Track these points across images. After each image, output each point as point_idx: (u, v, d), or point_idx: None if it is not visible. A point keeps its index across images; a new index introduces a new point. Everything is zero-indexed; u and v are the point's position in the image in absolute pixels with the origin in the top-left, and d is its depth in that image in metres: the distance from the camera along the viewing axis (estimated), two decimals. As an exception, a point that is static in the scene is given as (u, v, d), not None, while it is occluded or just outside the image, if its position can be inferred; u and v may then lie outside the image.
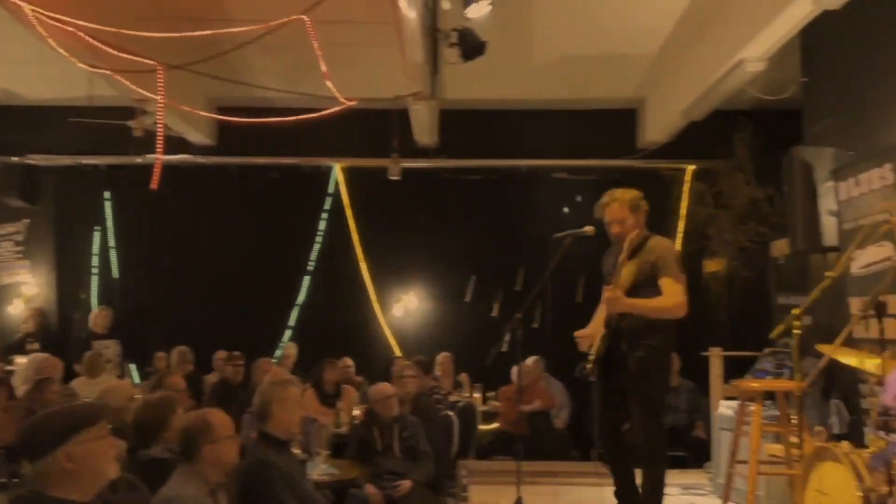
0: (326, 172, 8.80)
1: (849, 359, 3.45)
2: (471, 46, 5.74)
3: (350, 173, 8.79)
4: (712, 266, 8.35)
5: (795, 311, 3.66)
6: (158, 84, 5.41)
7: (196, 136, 8.34)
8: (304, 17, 4.73)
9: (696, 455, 6.66)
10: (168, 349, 7.69)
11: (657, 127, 8.34)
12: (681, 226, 8.58)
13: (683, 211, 8.57)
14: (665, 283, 3.83)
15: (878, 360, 3.01)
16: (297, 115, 6.38)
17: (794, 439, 3.99)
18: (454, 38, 5.76)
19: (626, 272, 3.87)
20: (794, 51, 6.14)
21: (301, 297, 8.66)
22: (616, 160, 8.61)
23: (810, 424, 4.69)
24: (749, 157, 7.82)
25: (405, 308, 8.63)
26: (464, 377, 7.69)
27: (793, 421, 4.05)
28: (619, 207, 4.01)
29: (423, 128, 7.74)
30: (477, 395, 7.52)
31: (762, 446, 4.46)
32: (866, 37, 5.19)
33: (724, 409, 5.34)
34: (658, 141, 8.40)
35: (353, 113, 6.92)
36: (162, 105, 5.47)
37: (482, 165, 8.66)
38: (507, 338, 4.35)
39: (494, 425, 7.25)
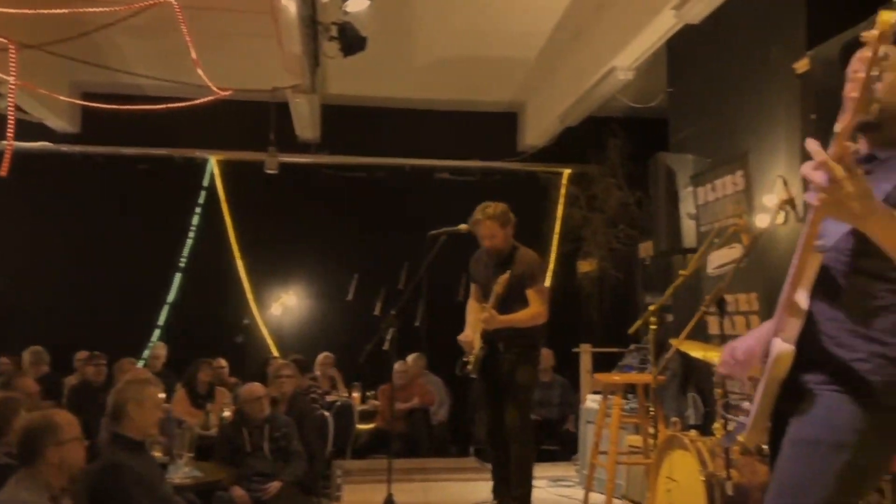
0: (201, 165, 8.47)
1: (695, 351, 3.69)
2: (351, 41, 5.69)
3: (226, 166, 8.49)
4: (585, 266, 8.68)
5: (652, 308, 3.86)
6: (11, 64, 5.03)
7: (57, 123, 7.82)
8: (172, 1, 4.53)
9: (567, 448, 6.90)
10: (23, 350, 7.16)
11: (536, 131, 8.58)
12: (557, 227, 8.88)
13: (560, 213, 8.87)
14: (530, 294, 4.30)
15: (718, 353, 3.22)
16: (168, 104, 6.12)
17: (652, 430, 4.20)
18: (334, 31, 5.71)
19: (498, 288, 4.27)
20: (662, 62, 6.49)
21: (172, 296, 8.29)
22: (497, 162, 8.81)
23: (669, 416, 4.96)
24: (620, 163, 8.17)
25: (284, 307, 8.44)
26: (336, 374, 7.60)
27: (651, 413, 4.27)
28: (491, 224, 4.35)
29: (304, 122, 7.60)
30: (356, 393, 7.45)
31: (623, 437, 4.69)
32: (724, 50, 5.55)
33: (591, 402, 5.55)
34: (537, 145, 8.65)
35: (230, 104, 6.72)
36: (14, 87, 5.08)
37: (365, 163, 8.61)
38: (388, 335, 4.44)
39: (373, 424, 7.21)
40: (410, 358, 7.56)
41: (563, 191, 8.89)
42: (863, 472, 1.71)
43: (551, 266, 8.95)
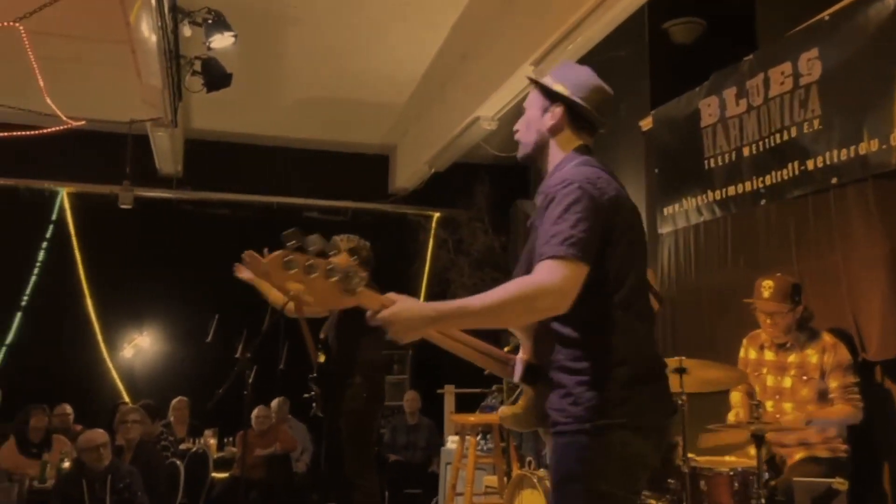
0: (50, 197, 7.93)
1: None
2: (215, 77, 5.60)
3: (77, 199, 7.98)
4: (454, 308, 8.80)
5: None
6: None
7: None
8: (18, 26, 4.29)
9: (430, 492, 6.88)
10: None
11: (406, 174, 8.71)
12: (426, 270, 8.99)
13: (429, 256, 9.00)
14: None
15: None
16: (14, 132, 5.75)
17: (507, 469, 4.27)
18: (198, 66, 5.60)
19: None
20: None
21: (10, 337, 7.63)
22: (368, 203, 8.84)
23: (524, 456, 5.06)
24: (487, 208, 8.41)
25: (137, 349, 7.98)
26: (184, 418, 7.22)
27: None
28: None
29: (165, 156, 7.33)
30: (213, 440, 7.12)
31: (481, 478, 4.74)
32: (579, 107, 5.89)
33: (451, 444, 5.58)
34: (407, 187, 8.77)
35: (84, 134, 6.41)
36: None
37: (230, 199, 8.38)
38: (249, 379, 4.29)
39: (230, 472, 6.89)
40: (274, 403, 7.34)
41: (432, 234, 9.04)
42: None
43: (420, 308, 9.02)
